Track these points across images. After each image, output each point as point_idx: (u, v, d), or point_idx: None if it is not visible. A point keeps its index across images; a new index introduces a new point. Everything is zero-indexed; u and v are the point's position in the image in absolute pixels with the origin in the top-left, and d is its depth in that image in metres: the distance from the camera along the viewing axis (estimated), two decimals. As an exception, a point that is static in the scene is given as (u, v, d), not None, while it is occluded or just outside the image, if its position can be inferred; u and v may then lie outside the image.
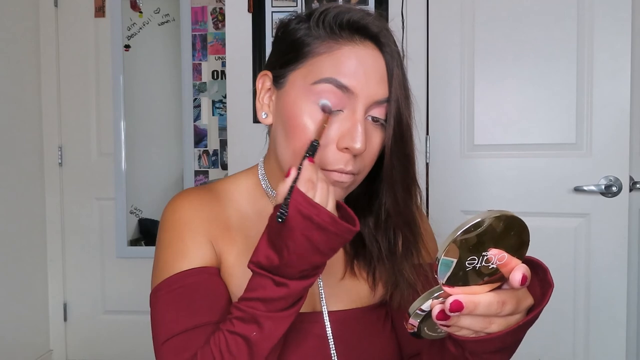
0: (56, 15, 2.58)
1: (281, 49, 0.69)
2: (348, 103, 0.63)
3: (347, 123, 0.63)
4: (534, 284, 0.51)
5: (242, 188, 0.76)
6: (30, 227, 2.49)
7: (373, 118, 0.65)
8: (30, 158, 2.51)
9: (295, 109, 0.64)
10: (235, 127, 1.92)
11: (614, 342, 1.61)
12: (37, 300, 2.55)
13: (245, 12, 1.89)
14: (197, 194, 0.74)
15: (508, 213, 0.45)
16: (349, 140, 0.62)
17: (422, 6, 1.77)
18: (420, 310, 0.49)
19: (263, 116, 0.70)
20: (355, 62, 0.63)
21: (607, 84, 1.59)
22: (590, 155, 1.61)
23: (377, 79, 0.64)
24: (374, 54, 0.64)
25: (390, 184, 0.67)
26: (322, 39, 0.64)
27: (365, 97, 0.63)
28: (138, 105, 2.78)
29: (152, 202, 2.84)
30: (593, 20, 1.59)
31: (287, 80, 0.66)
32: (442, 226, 1.97)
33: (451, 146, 1.75)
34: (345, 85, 0.62)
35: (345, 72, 0.62)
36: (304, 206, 0.54)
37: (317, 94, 0.63)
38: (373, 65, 0.63)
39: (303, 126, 0.63)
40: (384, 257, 0.72)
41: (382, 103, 0.64)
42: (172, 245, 0.69)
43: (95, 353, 2.62)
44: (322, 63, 0.63)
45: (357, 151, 0.62)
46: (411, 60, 1.79)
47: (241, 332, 0.59)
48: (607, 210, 1.60)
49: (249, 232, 0.73)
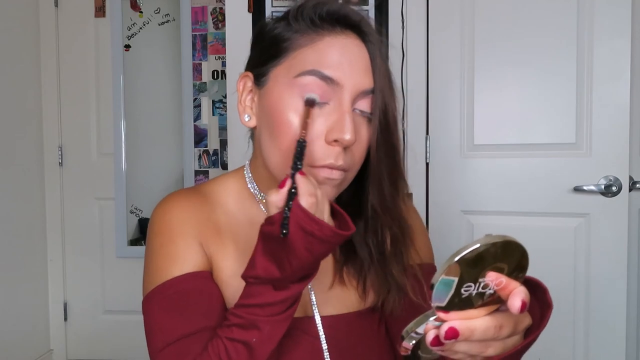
0: (56, 15, 2.58)
1: (259, 48, 0.67)
2: (333, 95, 0.61)
3: (334, 115, 0.61)
4: (533, 304, 0.50)
5: (230, 191, 0.74)
6: (30, 227, 2.49)
7: (360, 111, 0.63)
8: (30, 158, 2.51)
9: (279, 105, 0.62)
10: (235, 127, 1.92)
11: (614, 342, 1.61)
12: (37, 300, 2.55)
13: (245, 12, 1.89)
14: (185, 196, 0.73)
15: (507, 238, 0.42)
16: (338, 132, 0.60)
17: (422, 6, 1.77)
18: (415, 334, 0.47)
19: (246, 119, 0.68)
20: (338, 52, 0.61)
21: (607, 84, 1.59)
22: (590, 155, 1.61)
23: (362, 68, 0.62)
24: (356, 43, 0.62)
25: (377, 178, 0.65)
26: (302, 31, 0.62)
27: (350, 87, 0.61)
28: (138, 105, 2.78)
29: (152, 202, 2.82)
30: (593, 20, 1.59)
31: (269, 77, 0.64)
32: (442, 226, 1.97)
33: (451, 146, 1.75)
34: (329, 76, 0.60)
35: (328, 63, 0.60)
36: (306, 222, 0.54)
37: (301, 87, 0.61)
38: (357, 55, 0.62)
39: (288, 122, 0.61)
40: (375, 261, 0.70)
41: (368, 94, 0.63)
42: (164, 249, 0.68)
43: (95, 353, 2.62)
44: (305, 55, 0.61)
45: (347, 142, 0.60)
46: (411, 60, 1.79)
47: (241, 339, 0.59)
48: (607, 210, 1.60)
49: (238, 236, 0.71)
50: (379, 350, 0.74)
